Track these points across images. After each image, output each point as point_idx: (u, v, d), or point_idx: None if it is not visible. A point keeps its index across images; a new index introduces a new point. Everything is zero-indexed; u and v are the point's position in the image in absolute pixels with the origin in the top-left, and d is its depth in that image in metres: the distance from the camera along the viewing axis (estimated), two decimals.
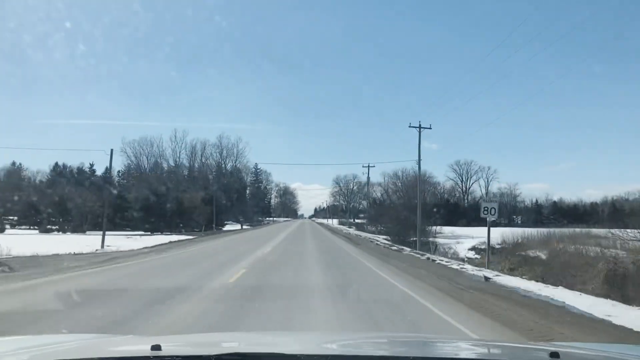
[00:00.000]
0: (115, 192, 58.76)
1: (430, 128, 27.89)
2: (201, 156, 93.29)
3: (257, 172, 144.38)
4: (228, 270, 14.49)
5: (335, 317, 7.97)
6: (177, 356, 1.87)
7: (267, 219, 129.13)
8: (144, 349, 1.93)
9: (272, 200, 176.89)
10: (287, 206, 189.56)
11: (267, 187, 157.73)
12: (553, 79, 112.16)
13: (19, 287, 11.05)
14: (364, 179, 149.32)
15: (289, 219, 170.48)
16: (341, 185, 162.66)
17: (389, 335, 4.05)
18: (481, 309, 8.99)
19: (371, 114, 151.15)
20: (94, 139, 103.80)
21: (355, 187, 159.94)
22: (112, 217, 56.07)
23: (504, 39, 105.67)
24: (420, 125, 27.55)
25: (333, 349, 2.31)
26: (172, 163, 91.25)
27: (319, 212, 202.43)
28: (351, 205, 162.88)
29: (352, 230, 49.38)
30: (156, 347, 1.88)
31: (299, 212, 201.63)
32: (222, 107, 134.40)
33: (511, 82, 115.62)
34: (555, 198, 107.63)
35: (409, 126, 27.81)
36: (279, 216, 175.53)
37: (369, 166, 50.45)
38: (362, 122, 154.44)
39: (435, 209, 49.29)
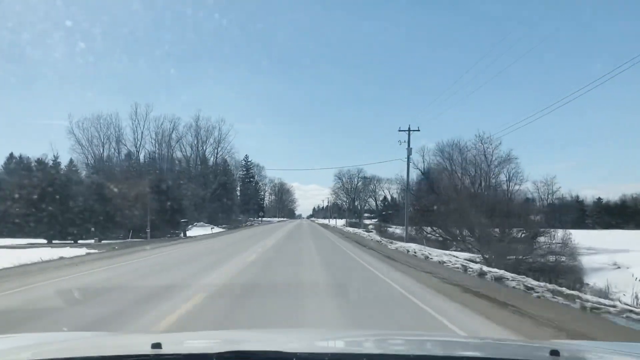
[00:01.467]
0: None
1: None
2: (169, 139, 73.44)
3: (247, 166, 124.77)
4: None
5: None
6: (178, 354, 1.86)
7: (257, 219, 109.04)
8: (145, 347, 1.89)
9: (266, 198, 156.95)
10: (284, 205, 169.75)
11: (260, 182, 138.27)
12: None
13: None
14: (369, 173, 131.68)
15: (285, 219, 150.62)
16: (344, 180, 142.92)
17: (390, 333, 3.70)
18: None
19: (371, 112, 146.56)
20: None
21: (359, 183, 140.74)
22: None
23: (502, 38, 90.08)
24: None
25: (334, 346, 2.33)
26: (132, 148, 71.61)
27: (318, 212, 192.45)
28: (356, 204, 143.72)
29: (399, 245, 28.28)
30: (157, 345, 1.85)
31: (297, 212, 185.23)
32: (220, 106, 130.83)
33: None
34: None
35: None
36: (274, 216, 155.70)
37: (409, 130, 30.13)
38: (362, 120, 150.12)
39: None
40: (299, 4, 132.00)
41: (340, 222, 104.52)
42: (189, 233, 40.73)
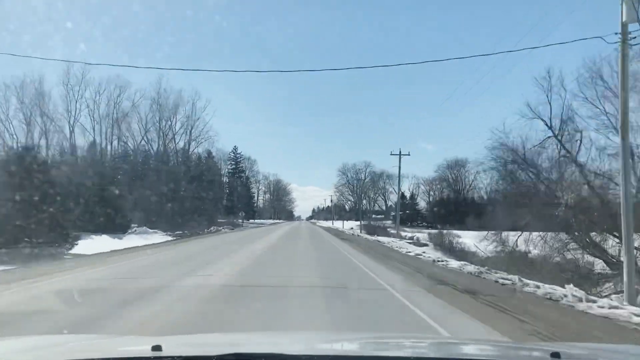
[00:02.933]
0: None
1: None
2: (114, 112, 52.48)
3: (236, 159, 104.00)
4: None
5: None
6: (178, 357, 1.80)
7: (240, 221, 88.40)
8: (145, 349, 1.88)
9: (260, 197, 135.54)
10: (281, 205, 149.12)
11: (252, 179, 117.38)
12: None
13: None
14: (379, 167, 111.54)
15: (281, 220, 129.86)
16: (349, 176, 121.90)
17: (390, 336, 3.57)
18: None
19: (371, 112, 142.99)
20: None
21: (367, 178, 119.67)
22: None
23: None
24: None
25: (334, 349, 2.29)
26: (63, 125, 50.75)
27: (318, 213, 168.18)
28: (363, 202, 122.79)
29: None
30: (157, 348, 1.82)
31: (296, 214, 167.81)
32: (221, 107, 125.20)
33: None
34: None
35: None
36: (270, 217, 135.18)
37: None
38: (362, 120, 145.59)
39: None
40: (297, 6, 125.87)
41: (347, 225, 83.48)
42: (76, 249, 20.10)
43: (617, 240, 13.78)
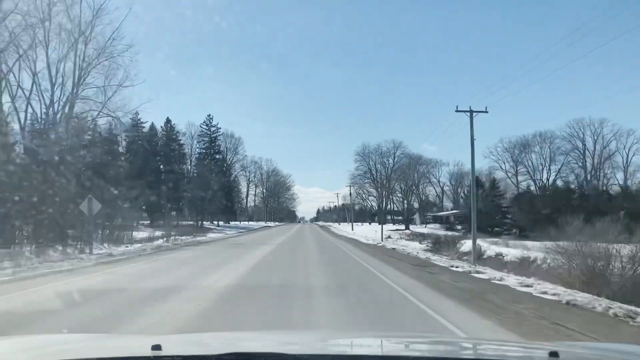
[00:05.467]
0: None
1: None
2: None
3: (211, 134, 71.21)
4: None
5: None
6: (178, 356, 1.82)
7: (220, 223, 55.94)
8: (145, 348, 1.87)
9: (252, 192, 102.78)
10: (277, 203, 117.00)
11: (238, 164, 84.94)
12: None
13: None
14: (413, 149, 77.91)
15: (274, 223, 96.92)
16: (370, 162, 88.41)
17: (390, 335, 3.59)
18: None
19: (370, 112, 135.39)
20: None
21: (394, 165, 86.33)
22: None
23: None
24: None
25: (335, 349, 2.31)
26: None
27: (323, 214, 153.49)
28: (390, 198, 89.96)
29: None
30: (157, 347, 1.83)
31: (299, 214, 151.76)
32: (221, 108, 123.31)
33: None
34: None
35: None
36: (262, 219, 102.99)
37: None
38: (362, 119, 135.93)
39: None
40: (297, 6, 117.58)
41: (376, 230, 49.90)
42: None
43: None
